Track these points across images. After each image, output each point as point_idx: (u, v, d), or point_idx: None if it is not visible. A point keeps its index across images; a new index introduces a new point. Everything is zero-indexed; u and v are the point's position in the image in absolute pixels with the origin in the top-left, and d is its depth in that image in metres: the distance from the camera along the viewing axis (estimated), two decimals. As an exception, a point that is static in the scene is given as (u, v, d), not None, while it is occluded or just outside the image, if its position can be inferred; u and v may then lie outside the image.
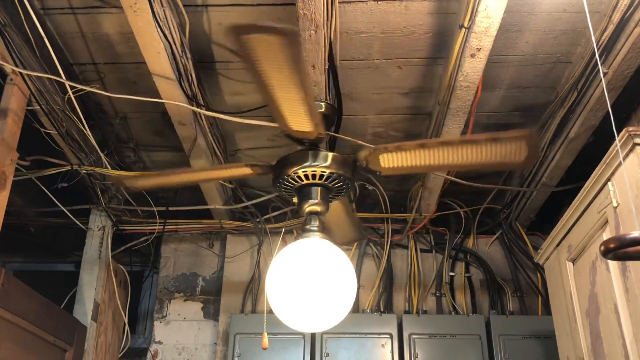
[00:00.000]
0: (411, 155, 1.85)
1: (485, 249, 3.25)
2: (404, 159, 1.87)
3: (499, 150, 1.75)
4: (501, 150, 1.74)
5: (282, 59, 1.45)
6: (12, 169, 2.22)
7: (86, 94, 2.36)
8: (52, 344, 2.47)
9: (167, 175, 2.08)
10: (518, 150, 1.77)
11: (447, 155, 1.80)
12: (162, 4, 1.95)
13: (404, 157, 1.86)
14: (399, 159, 1.87)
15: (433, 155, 1.82)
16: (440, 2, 2.03)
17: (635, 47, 1.94)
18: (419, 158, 1.85)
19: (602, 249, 1.09)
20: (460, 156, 1.78)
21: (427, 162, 1.85)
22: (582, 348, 1.96)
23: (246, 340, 2.90)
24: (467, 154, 1.75)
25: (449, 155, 1.80)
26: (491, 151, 1.75)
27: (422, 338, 2.87)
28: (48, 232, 3.37)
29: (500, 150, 1.76)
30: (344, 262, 1.94)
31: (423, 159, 1.84)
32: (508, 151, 1.76)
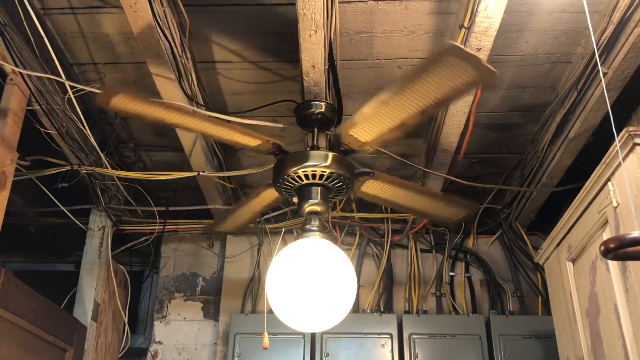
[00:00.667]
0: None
1: (485, 249, 3.25)
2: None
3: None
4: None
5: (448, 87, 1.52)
6: (12, 169, 2.22)
7: (86, 94, 2.36)
8: (52, 344, 2.47)
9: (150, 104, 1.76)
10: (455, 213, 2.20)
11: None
12: (162, 4, 1.95)
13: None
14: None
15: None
16: (440, 2, 2.03)
17: (635, 47, 1.93)
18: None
19: (602, 249, 1.09)
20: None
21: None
22: (582, 348, 1.96)
23: (246, 340, 2.90)
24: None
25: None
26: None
27: (422, 338, 2.87)
28: (48, 232, 3.37)
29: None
30: (344, 262, 1.94)
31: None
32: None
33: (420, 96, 1.60)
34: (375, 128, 1.77)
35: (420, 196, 2.16)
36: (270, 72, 2.37)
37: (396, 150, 2.76)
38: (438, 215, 2.28)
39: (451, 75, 1.50)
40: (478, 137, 2.72)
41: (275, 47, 2.24)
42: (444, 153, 2.54)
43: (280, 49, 2.25)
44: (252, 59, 2.31)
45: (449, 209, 2.22)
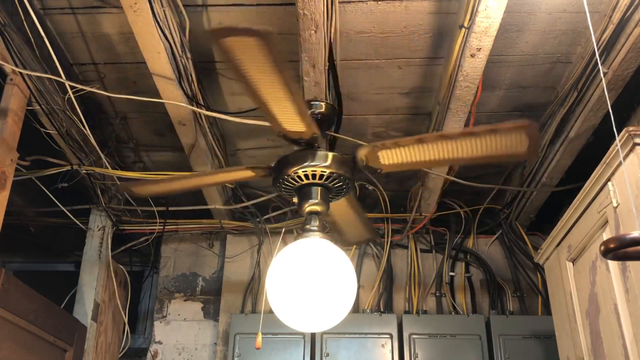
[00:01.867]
0: (410, 151, 1.82)
1: (485, 249, 3.25)
2: (403, 155, 1.84)
3: (498, 142, 1.69)
4: (501, 142, 1.69)
5: (263, 60, 1.45)
6: (12, 169, 2.22)
7: (86, 94, 2.36)
8: (52, 344, 2.47)
9: (168, 182, 2.07)
10: (518, 142, 1.72)
11: (447, 150, 1.77)
12: (162, 4, 1.95)
13: (402, 153, 1.83)
14: (398, 155, 1.84)
15: (432, 150, 1.79)
16: (440, 2, 2.03)
17: (635, 47, 1.94)
18: (418, 153, 1.83)
19: (602, 249, 1.09)
20: (459, 150, 1.74)
21: (426, 158, 1.82)
22: (582, 348, 1.96)
23: (246, 340, 2.90)
24: (467, 148, 1.71)
25: (448, 149, 1.76)
26: (491, 143, 1.70)
27: (422, 338, 2.87)
28: (48, 232, 3.37)
29: (500, 142, 1.71)
30: (344, 262, 1.94)
31: (422, 154, 1.81)
32: (508, 143, 1.71)
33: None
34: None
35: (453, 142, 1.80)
36: (270, 72, 2.36)
37: (396, 150, 2.75)
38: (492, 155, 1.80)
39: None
40: (478, 137, 2.71)
41: (275, 47, 2.24)
42: (444, 153, 2.54)
43: (280, 49, 2.25)
44: (252, 59, 2.30)
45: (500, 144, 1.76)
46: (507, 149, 1.73)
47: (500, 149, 1.73)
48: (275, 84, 1.55)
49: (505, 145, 1.72)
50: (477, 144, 1.68)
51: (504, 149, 1.73)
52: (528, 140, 1.69)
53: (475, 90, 2.15)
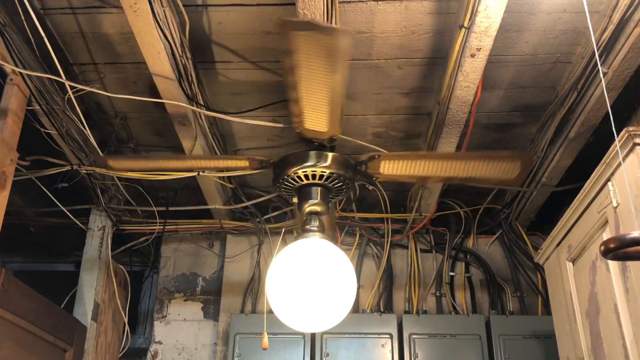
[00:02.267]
0: (411, 165, 1.92)
1: (485, 249, 3.25)
2: (403, 167, 1.95)
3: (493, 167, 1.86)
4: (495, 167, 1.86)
5: (327, 59, 1.47)
6: (12, 169, 2.22)
7: (86, 94, 2.36)
8: (52, 344, 2.47)
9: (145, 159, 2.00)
10: (511, 170, 1.90)
11: (444, 168, 1.89)
12: (162, 4, 1.95)
13: (403, 166, 1.93)
14: (398, 167, 1.93)
15: (431, 167, 1.91)
16: (440, 2, 2.03)
17: (635, 47, 1.94)
18: (417, 168, 1.93)
19: (602, 249, 1.09)
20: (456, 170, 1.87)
21: (423, 173, 1.94)
22: (582, 348, 1.96)
23: (246, 340, 2.90)
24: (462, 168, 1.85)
25: (446, 168, 1.89)
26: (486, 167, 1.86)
27: (422, 338, 2.87)
28: (48, 232, 3.37)
29: (495, 168, 1.89)
30: (344, 262, 1.94)
31: (421, 169, 1.91)
32: (502, 169, 1.89)
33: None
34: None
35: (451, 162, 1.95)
36: (270, 72, 2.37)
37: (396, 150, 2.76)
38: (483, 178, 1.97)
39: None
40: (478, 137, 2.72)
41: (275, 47, 2.24)
42: (444, 153, 2.54)
43: (280, 49, 2.25)
44: (252, 59, 2.31)
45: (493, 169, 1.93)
46: (498, 174, 1.93)
47: (493, 173, 1.92)
48: (324, 83, 1.57)
49: (499, 170, 1.91)
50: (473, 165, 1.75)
51: (496, 174, 1.93)
52: (520, 169, 1.88)
53: (475, 90, 2.15)
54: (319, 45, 1.42)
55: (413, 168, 1.88)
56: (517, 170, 1.90)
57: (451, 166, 1.84)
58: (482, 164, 1.89)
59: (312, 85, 1.59)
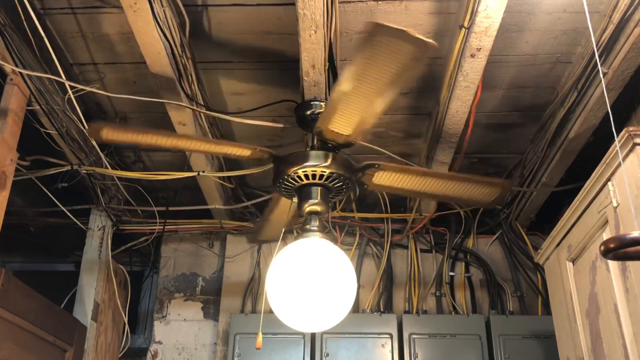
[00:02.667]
0: (404, 179, 2.01)
1: (485, 249, 3.25)
2: (396, 180, 2.03)
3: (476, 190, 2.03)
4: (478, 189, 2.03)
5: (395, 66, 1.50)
6: (12, 169, 2.22)
7: (86, 94, 2.36)
8: (52, 344, 2.47)
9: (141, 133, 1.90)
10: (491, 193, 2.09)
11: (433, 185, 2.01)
12: (162, 4, 1.95)
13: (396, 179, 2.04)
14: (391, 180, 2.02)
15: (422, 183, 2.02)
16: (440, 2, 2.03)
17: (635, 47, 1.93)
18: (408, 182, 2.03)
19: (602, 249, 1.09)
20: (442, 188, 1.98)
21: (412, 187, 2.04)
22: (582, 348, 1.96)
23: (246, 340, 2.90)
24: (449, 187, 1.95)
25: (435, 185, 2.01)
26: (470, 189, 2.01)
27: (422, 338, 2.87)
28: (48, 232, 3.37)
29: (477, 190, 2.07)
30: (344, 262, 1.94)
31: (412, 184, 2.01)
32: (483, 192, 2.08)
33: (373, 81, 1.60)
34: (349, 119, 1.78)
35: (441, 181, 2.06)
36: (270, 72, 2.37)
37: (396, 150, 2.76)
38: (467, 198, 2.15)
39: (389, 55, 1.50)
40: (478, 137, 2.72)
41: (275, 47, 2.24)
42: (443, 153, 2.54)
43: (280, 49, 2.25)
44: (252, 59, 2.31)
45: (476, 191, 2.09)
46: (479, 196, 2.12)
47: (474, 194, 2.11)
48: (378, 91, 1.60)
49: (480, 193, 2.10)
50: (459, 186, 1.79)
51: (476, 195, 2.12)
52: (499, 193, 2.09)
53: (475, 90, 2.15)
54: (399, 54, 1.46)
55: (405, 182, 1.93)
56: (496, 194, 2.10)
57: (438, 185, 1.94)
58: (468, 186, 2.06)
59: (363, 89, 1.61)
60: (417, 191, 2.12)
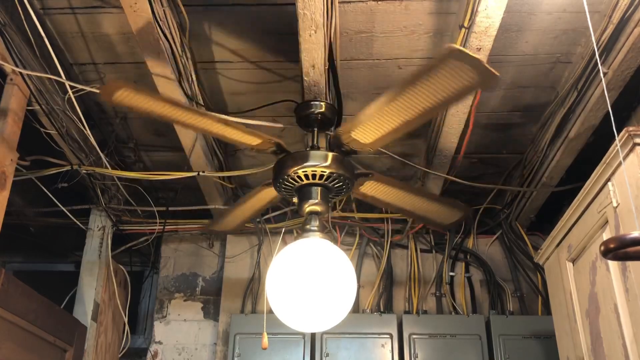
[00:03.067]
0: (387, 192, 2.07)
1: (485, 249, 3.25)
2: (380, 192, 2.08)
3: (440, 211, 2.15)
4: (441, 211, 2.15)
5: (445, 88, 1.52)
6: (12, 169, 2.22)
7: (86, 94, 2.36)
8: (52, 344, 2.47)
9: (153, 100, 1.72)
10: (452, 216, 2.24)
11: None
12: (162, 4, 1.95)
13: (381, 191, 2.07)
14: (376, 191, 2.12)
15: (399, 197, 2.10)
16: (440, 2, 2.03)
17: (635, 47, 1.93)
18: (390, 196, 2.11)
19: (602, 249, 1.09)
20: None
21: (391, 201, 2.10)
22: (582, 348, 1.96)
23: (246, 340, 2.90)
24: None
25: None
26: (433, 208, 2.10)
27: (422, 338, 2.87)
28: (48, 232, 3.37)
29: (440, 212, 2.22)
30: (344, 262, 1.94)
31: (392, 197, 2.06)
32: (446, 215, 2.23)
33: (422, 99, 1.61)
34: (376, 130, 1.78)
35: (416, 198, 2.18)
36: (270, 72, 2.37)
37: (396, 150, 2.76)
38: (432, 219, 2.32)
39: (453, 78, 1.51)
40: (478, 137, 2.72)
41: (275, 47, 2.24)
42: (444, 153, 2.54)
43: (280, 49, 2.25)
44: (252, 59, 2.31)
45: (443, 213, 2.26)
46: (442, 218, 2.28)
47: (437, 216, 2.27)
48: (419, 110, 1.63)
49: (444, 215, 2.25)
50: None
51: (439, 217, 2.27)
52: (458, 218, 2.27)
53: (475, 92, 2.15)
54: (462, 80, 1.48)
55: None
56: (456, 217, 2.27)
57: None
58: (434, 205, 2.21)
59: (408, 106, 1.63)
60: (393, 204, 2.22)
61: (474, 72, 1.46)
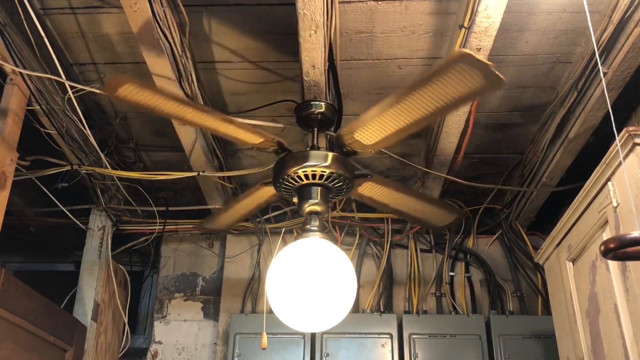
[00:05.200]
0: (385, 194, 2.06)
1: (485, 249, 3.25)
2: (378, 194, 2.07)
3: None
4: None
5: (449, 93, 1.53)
6: (12, 169, 2.22)
7: (86, 94, 2.36)
8: (52, 344, 2.47)
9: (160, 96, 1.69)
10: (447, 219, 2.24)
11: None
12: (162, 4, 1.95)
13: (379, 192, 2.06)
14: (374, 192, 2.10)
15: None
16: (440, 2, 2.03)
17: (635, 47, 1.93)
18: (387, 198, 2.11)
19: (602, 249, 1.09)
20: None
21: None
22: (582, 348, 1.96)
23: (246, 340, 2.90)
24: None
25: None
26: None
27: (422, 338, 2.87)
28: (48, 232, 3.37)
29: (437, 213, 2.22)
30: (344, 262, 1.94)
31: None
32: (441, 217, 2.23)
33: (427, 101, 1.61)
34: (379, 131, 1.78)
35: (412, 200, 2.20)
36: (270, 72, 2.37)
37: (396, 150, 2.76)
38: (427, 220, 2.35)
39: (460, 82, 1.51)
40: (478, 137, 2.72)
41: (275, 47, 2.24)
42: (444, 153, 2.54)
43: (280, 49, 2.25)
44: (252, 59, 2.31)
45: (438, 215, 2.28)
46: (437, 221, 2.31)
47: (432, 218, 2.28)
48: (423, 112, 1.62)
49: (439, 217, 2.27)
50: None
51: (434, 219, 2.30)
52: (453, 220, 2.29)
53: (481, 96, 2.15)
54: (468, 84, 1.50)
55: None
56: (450, 220, 2.29)
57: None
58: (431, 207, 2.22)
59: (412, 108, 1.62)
60: (390, 206, 2.22)
61: (482, 77, 1.48)
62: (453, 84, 1.52)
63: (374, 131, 1.78)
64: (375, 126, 1.75)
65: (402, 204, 2.20)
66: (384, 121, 1.72)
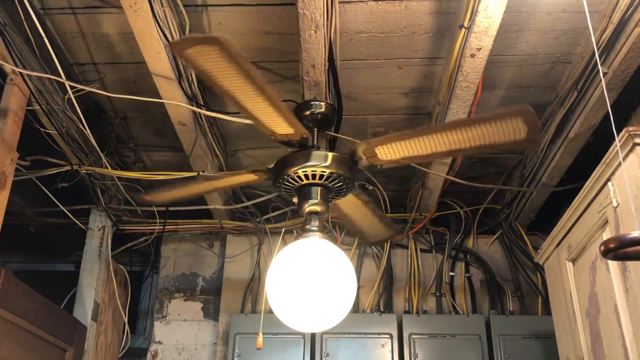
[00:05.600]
0: (408, 145, 1.83)
1: (485, 249, 3.25)
2: (402, 149, 1.85)
3: (496, 130, 1.66)
4: (498, 129, 1.66)
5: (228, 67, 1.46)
6: (12, 169, 2.22)
7: (86, 94, 2.36)
8: (52, 344, 2.47)
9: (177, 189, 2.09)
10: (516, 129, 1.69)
11: (445, 142, 1.73)
12: (162, 4, 1.95)
13: (401, 148, 1.84)
14: (397, 150, 1.87)
15: (431, 143, 1.77)
16: (440, 2, 2.03)
17: (635, 47, 1.94)
18: (416, 147, 1.82)
19: (602, 249, 1.09)
20: (457, 141, 1.70)
21: (425, 151, 1.80)
22: (582, 348, 1.96)
23: (246, 340, 2.90)
24: (464, 138, 1.69)
25: (446, 141, 1.72)
26: (488, 132, 1.66)
27: (422, 338, 2.87)
28: (48, 232, 3.37)
29: (498, 130, 1.69)
30: (344, 262, 1.94)
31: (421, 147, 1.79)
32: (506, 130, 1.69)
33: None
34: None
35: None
36: (270, 72, 2.37)
37: (396, 150, 2.75)
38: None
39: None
40: (478, 137, 2.71)
41: (275, 47, 2.24)
42: (444, 153, 2.53)
43: (280, 49, 2.25)
44: (252, 59, 2.31)
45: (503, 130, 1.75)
46: (505, 136, 1.71)
47: (498, 136, 1.71)
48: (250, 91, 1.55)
49: (504, 132, 1.70)
50: (474, 133, 1.66)
51: (502, 136, 1.71)
52: (526, 126, 1.66)
53: (475, 90, 2.15)
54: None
55: (412, 148, 1.78)
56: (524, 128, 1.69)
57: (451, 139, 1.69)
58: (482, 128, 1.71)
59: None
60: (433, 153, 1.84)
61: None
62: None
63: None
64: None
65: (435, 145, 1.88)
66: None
